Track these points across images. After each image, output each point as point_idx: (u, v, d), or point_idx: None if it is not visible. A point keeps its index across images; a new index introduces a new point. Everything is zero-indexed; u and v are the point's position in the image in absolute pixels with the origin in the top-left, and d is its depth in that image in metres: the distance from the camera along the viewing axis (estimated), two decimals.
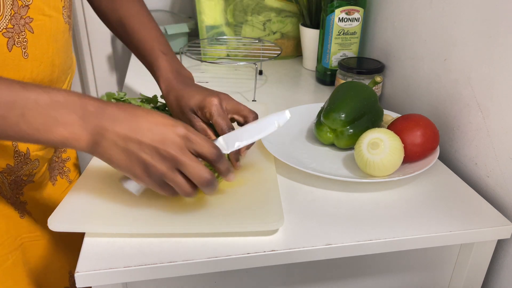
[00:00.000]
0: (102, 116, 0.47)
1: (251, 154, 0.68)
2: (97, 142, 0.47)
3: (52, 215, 0.52)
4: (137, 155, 0.47)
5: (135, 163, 0.47)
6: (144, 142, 0.47)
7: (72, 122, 0.45)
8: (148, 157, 0.47)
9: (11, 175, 0.61)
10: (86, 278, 0.48)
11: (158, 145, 0.46)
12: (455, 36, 0.71)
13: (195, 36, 1.31)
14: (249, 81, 1.05)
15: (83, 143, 0.46)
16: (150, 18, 0.74)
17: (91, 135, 0.46)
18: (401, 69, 0.89)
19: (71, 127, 0.45)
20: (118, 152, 0.47)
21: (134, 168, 0.47)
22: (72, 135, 0.46)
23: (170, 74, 0.67)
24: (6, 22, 0.51)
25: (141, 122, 0.48)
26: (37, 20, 0.55)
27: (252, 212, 0.54)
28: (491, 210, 0.59)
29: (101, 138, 0.46)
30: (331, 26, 0.97)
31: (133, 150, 0.47)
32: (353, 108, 0.70)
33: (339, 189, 0.63)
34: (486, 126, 0.65)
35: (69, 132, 0.45)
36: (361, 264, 0.59)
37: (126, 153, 0.47)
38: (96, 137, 0.46)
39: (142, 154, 0.47)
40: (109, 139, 0.46)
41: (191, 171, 0.48)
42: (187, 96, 0.62)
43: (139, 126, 0.47)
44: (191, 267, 0.50)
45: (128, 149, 0.47)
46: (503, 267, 0.63)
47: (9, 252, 0.60)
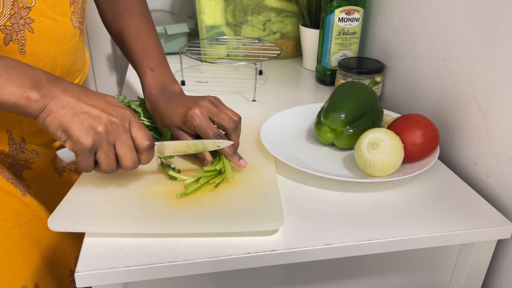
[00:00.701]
0: (54, 84, 0.50)
1: (251, 154, 0.68)
2: (45, 107, 0.49)
3: (52, 215, 0.52)
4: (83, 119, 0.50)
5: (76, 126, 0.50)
6: (93, 111, 0.51)
7: (25, 84, 0.48)
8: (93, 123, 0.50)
9: (8, 158, 0.63)
10: (86, 278, 0.48)
11: (107, 114, 0.51)
12: (455, 36, 0.71)
13: (195, 36, 1.31)
14: (249, 81, 1.05)
15: (33, 106, 0.48)
16: (148, 32, 0.74)
17: (42, 99, 0.48)
18: (401, 69, 0.89)
19: (23, 88, 0.48)
20: (62, 115, 0.49)
21: (73, 130, 0.49)
22: (24, 95, 0.47)
23: (154, 92, 0.68)
24: (4, 20, 0.53)
25: (93, 97, 0.52)
26: (38, 21, 0.57)
27: (252, 212, 0.54)
28: (491, 210, 0.59)
29: (49, 102, 0.49)
30: (331, 26, 0.97)
31: (80, 115, 0.50)
32: (353, 108, 0.69)
33: (339, 189, 0.63)
34: (486, 126, 0.65)
35: (21, 92, 0.47)
36: (361, 264, 0.59)
37: (70, 116, 0.50)
38: (46, 101, 0.49)
39: (88, 120, 0.50)
40: (58, 104, 0.49)
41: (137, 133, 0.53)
42: (169, 114, 0.63)
43: (92, 99, 0.52)
44: (191, 267, 0.50)
45: (75, 113, 0.50)
46: (503, 267, 0.63)
47: (14, 227, 0.61)
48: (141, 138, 0.54)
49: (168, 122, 0.64)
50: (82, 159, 0.52)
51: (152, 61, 0.71)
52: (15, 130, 0.61)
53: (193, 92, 0.98)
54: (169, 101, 0.66)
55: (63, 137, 0.50)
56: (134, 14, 0.74)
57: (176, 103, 0.64)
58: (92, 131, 0.50)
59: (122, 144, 0.52)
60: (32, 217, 0.64)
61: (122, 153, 0.53)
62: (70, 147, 0.51)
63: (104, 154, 0.52)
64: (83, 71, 0.71)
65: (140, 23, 0.74)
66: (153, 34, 0.75)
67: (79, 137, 0.50)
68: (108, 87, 1.47)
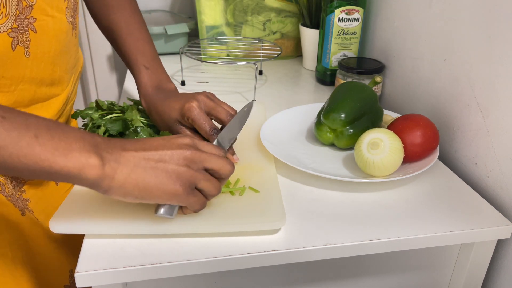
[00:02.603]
0: (111, 144, 0.45)
1: (251, 154, 0.68)
2: (114, 171, 0.44)
3: (52, 218, 0.52)
4: (163, 168, 0.45)
5: (164, 178, 0.45)
6: (165, 155, 0.46)
7: (87, 148, 0.42)
8: (175, 166, 0.46)
9: None
10: (86, 278, 0.48)
11: (178, 153, 0.47)
12: (455, 36, 0.71)
13: (195, 36, 1.31)
14: (249, 81, 1.05)
15: (97, 172, 0.43)
16: (139, 27, 0.74)
17: (105, 163, 0.43)
18: (401, 69, 0.89)
19: (86, 153, 0.42)
20: (142, 173, 0.45)
21: (165, 184, 0.45)
22: (87, 161, 0.42)
23: (150, 91, 0.68)
24: (11, 23, 0.52)
25: (148, 141, 0.48)
26: (40, 20, 0.56)
27: (254, 212, 0.54)
28: (491, 210, 0.59)
29: (118, 165, 0.44)
30: (331, 26, 0.97)
31: (158, 166, 0.45)
32: (353, 108, 0.69)
33: (339, 189, 0.63)
34: (486, 126, 0.65)
35: (85, 158, 0.42)
36: (361, 264, 0.59)
37: (151, 172, 0.45)
38: (112, 165, 0.43)
39: (168, 166, 0.46)
40: (128, 164, 0.44)
41: (216, 163, 0.49)
42: (168, 110, 0.64)
43: (150, 143, 0.47)
44: (191, 267, 0.50)
45: (152, 166, 0.45)
46: (503, 267, 0.63)
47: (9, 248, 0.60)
48: (214, 150, 0.51)
49: (167, 118, 0.64)
50: (193, 200, 0.48)
51: (146, 59, 0.71)
52: None
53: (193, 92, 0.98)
54: (166, 99, 0.66)
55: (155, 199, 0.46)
56: (124, 7, 0.73)
57: (173, 99, 0.65)
58: (179, 174, 0.46)
59: (210, 160, 0.49)
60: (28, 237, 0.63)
61: (217, 165, 0.49)
62: (173, 202, 0.47)
63: (204, 181, 0.48)
64: (76, 68, 0.71)
65: (130, 17, 0.74)
66: (144, 29, 0.74)
67: (173, 186, 0.46)
68: (108, 87, 1.47)
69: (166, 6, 1.41)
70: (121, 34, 0.72)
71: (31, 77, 0.58)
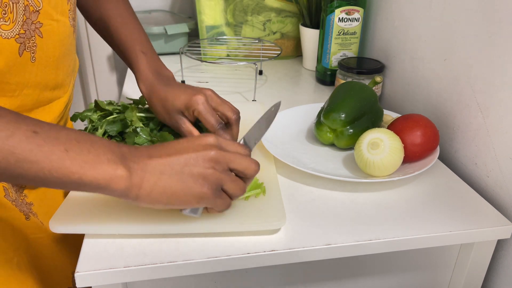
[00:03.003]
0: (137, 153, 0.46)
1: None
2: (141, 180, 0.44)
3: (52, 218, 0.52)
4: (189, 172, 0.45)
5: (190, 182, 0.45)
6: (190, 158, 0.46)
7: (114, 160, 0.43)
8: (201, 169, 0.46)
9: None
10: (86, 278, 0.48)
11: (203, 154, 0.46)
12: (455, 36, 0.71)
13: (195, 36, 1.31)
14: (249, 81, 1.05)
15: (124, 183, 0.43)
16: (132, 18, 0.74)
17: (132, 174, 0.44)
18: (401, 69, 0.89)
19: (114, 165, 0.43)
20: (168, 179, 0.45)
21: (192, 188, 0.45)
22: (115, 172, 0.43)
23: (150, 76, 0.68)
24: (18, 28, 0.52)
25: (173, 145, 0.48)
26: (46, 25, 0.56)
27: (254, 212, 0.54)
28: (491, 210, 0.59)
29: (144, 174, 0.44)
30: (331, 26, 0.97)
31: (184, 170, 0.45)
32: (353, 108, 0.70)
33: (339, 189, 0.63)
34: (486, 126, 0.65)
35: (113, 170, 0.42)
36: (361, 264, 0.59)
37: (177, 177, 0.45)
38: (139, 174, 0.44)
39: (194, 169, 0.46)
40: (154, 172, 0.45)
41: (241, 163, 0.48)
42: (171, 98, 0.63)
43: (174, 148, 0.47)
44: (191, 267, 0.50)
45: (177, 171, 0.45)
46: (503, 267, 0.63)
47: (14, 254, 0.60)
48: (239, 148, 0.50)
49: (170, 105, 0.63)
50: (219, 202, 0.48)
51: (143, 45, 0.71)
52: None
53: None
54: (168, 85, 0.66)
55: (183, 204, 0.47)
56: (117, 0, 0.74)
57: (177, 88, 0.64)
58: (206, 177, 0.46)
59: (235, 161, 0.48)
60: (32, 241, 0.63)
61: (242, 166, 0.49)
62: (200, 204, 0.47)
63: (229, 183, 0.48)
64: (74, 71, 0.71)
65: (124, 8, 0.74)
66: (137, 20, 0.75)
67: (200, 190, 0.46)
68: (108, 87, 1.47)
69: (166, 6, 1.41)
70: (115, 23, 0.72)
71: (36, 82, 0.58)
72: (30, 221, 0.63)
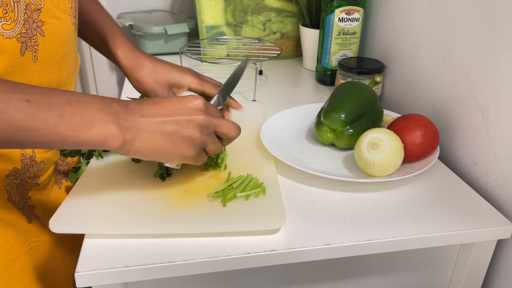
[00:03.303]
0: (129, 111, 0.48)
1: (251, 154, 0.68)
2: (133, 137, 0.47)
3: (53, 217, 0.52)
4: (179, 134, 0.49)
5: (179, 143, 0.50)
6: (181, 121, 0.50)
7: (106, 119, 0.46)
8: (190, 131, 0.50)
9: (17, 178, 0.61)
10: (86, 278, 0.48)
11: (194, 119, 0.50)
12: (455, 36, 0.71)
13: (195, 36, 1.31)
14: (249, 81, 1.05)
15: (118, 140, 0.47)
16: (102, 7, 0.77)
17: (124, 132, 0.47)
18: (401, 69, 0.89)
19: (107, 125, 0.46)
20: (159, 139, 0.49)
21: (179, 148, 0.50)
22: (109, 132, 0.46)
23: (132, 47, 0.71)
24: (20, 27, 0.52)
25: (165, 105, 0.51)
26: (48, 23, 0.56)
27: (253, 212, 0.54)
28: (491, 210, 0.59)
29: (137, 132, 0.48)
30: (331, 26, 0.97)
31: (174, 131, 0.49)
32: (353, 108, 0.69)
33: (339, 189, 0.63)
34: (486, 126, 0.65)
35: (106, 130, 0.46)
36: (361, 264, 0.59)
37: (168, 137, 0.49)
38: (132, 132, 0.47)
39: (184, 132, 0.50)
40: (147, 130, 0.48)
41: (226, 127, 0.54)
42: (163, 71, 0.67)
43: (166, 108, 0.50)
44: (191, 267, 0.50)
45: (168, 131, 0.49)
46: (503, 267, 0.63)
47: (17, 258, 0.60)
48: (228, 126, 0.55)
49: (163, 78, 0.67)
50: (199, 160, 0.53)
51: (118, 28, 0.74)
52: None
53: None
54: (152, 58, 0.69)
55: (169, 160, 0.52)
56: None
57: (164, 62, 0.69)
58: (193, 140, 0.50)
59: (221, 125, 0.53)
60: (34, 244, 0.63)
61: (226, 130, 0.54)
62: (184, 161, 0.52)
63: (211, 145, 0.53)
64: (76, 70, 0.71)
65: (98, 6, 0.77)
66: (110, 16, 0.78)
67: (187, 150, 0.50)
68: (108, 87, 1.47)
69: (166, 6, 1.41)
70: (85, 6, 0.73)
71: (39, 82, 0.57)
72: (32, 224, 0.63)
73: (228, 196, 0.56)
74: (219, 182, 0.61)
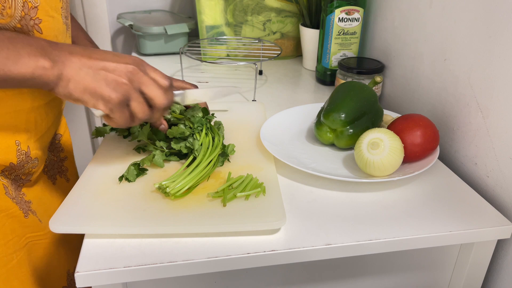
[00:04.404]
0: (58, 47, 0.50)
1: (251, 154, 0.68)
2: (61, 73, 0.49)
3: (53, 217, 0.52)
4: (104, 76, 0.50)
5: (103, 84, 0.50)
6: (109, 65, 0.51)
7: (34, 53, 0.47)
8: (116, 77, 0.51)
9: (11, 174, 0.61)
10: (86, 278, 0.48)
11: (122, 66, 0.51)
12: (455, 36, 0.71)
13: (195, 36, 1.31)
14: (249, 81, 1.05)
15: (50, 74, 0.48)
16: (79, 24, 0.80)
17: (55, 66, 0.48)
18: (401, 69, 0.89)
19: (34, 57, 0.47)
20: (85, 76, 0.50)
21: (102, 89, 0.50)
22: (37, 64, 0.47)
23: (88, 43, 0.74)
24: (15, 22, 0.53)
25: (98, 51, 0.52)
26: (44, 21, 0.57)
27: (254, 212, 0.54)
28: (491, 210, 0.59)
29: (63, 67, 0.49)
30: (331, 26, 0.97)
31: (100, 72, 0.50)
32: (353, 108, 0.69)
33: (339, 189, 0.63)
34: (486, 126, 0.65)
35: (34, 61, 0.47)
36: (361, 264, 0.59)
37: (93, 76, 0.50)
38: (59, 66, 0.48)
39: (109, 75, 0.50)
40: (73, 66, 0.49)
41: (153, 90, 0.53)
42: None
43: (98, 53, 0.52)
44: (191, 267, 0.50)
45: (95, 71, 0.50)
46: (503, 267, 0.63)
47: (14, 252, 0.60)
48: (160, 78, 0.55)
49: None
50: (119, 115, 0.52)
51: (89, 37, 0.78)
52: (22, 140, 0.60)
53: None
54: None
55: (91, 100, 0.50)
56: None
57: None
58: (118, 85, 0.51)
59: (148, 85, 0.53)
60: (31, 239, 0.64)
61: (152, 93, 0.53)
62: (103, 107, 0.51)
63: (136, 102, 0.53)
64: None
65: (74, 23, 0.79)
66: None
67: (109, 94, 0.50)
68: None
69: (166, 6, 1.41)
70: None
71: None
72: (29, 219, 0.63)
73: (228, 196, 0.56)
74: (219, 182, 0.61)
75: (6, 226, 0.59)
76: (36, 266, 0.64)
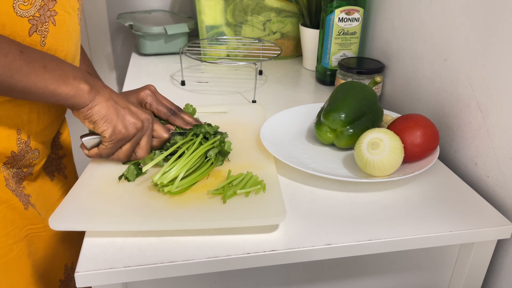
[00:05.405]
0: (95, 78, 0.59)
1: (251, 154, 0.68)
2: (95, 98, 0.57)
3: (53, 215, 0.52)
4: (124, 113, 0.59)
5: (120, 119, 0.58)
6: (132, 108, 0.61)
7: (80, 76, 0.56)
8: (134, 119, 0.60)
9: (13, 167, 0.62)
10: (86, 278, 0.48)
11: (141, 114, 0.61)
12: (455, 36, 0.71)
13: (195, 36, 1.31)
14: (249, 81, 1.05)
15: (86, 97, 0.56)
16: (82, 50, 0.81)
17: (92, 91, 0.56)
18: (401, 69, 0.89)
19: (80, 80, 0.56)
20: (108, 107, 0.58)
21: (117, 123, 0.58)
22: (83, 86, 0.56)
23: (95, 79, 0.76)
24: (34, 11, 0.56)
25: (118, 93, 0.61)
26: (60, 15, 0.60)
27: (254, 208, 0.54)
28: (491, 210, 0.59)
29: (97, 94, 0.57)
30: (331, 26, 0.97)
31: (123, 110, 0.59)
32: (353, 108, 0.69)
33: (339, 189, 0.63)
34: (486, 126, 0.65)
35: (79, 84, 0.55)
36: (361, 264, 0.59)
37: (115, 110, 0.58)
38: (95, 93, 0.57)
39: (129, 115, 0.59)
40: (105, 95, 0.58)
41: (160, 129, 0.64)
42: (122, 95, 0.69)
43: (117, 93, 0.61)
44: (191, 267, 0.50)
45: (120, 105, 0.59)
46: (503, 267, 0.63)
47: (14, 243, 0.61)
48: (161, 130, 0.64)
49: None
50: (112, 147, 0.60)
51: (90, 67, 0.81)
52: (23, 129, 0.62)
53: (193, 92, 0.98)
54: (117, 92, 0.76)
55: (103, 127, 0.58)
56: None
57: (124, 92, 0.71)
58: (131, 125, 0.59)
59: (148, 138, 0.62)
60: (31, 231, 0.64)
61: (144, 145, 0.62)
62: (108, 135, 0.58)
63: (130, 145, 0.61)
64: None
65: None
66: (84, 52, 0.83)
67: (121, 129, 0.58)
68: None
69: (166, 6, 1.41)
70: None
71: None
72: (28, 211, 0.64)
73: (228, 193, 0.56)
74: (219, 180, 0.61)
75: (6, 217, 0.60)
76: (35, 258, 0.65)
